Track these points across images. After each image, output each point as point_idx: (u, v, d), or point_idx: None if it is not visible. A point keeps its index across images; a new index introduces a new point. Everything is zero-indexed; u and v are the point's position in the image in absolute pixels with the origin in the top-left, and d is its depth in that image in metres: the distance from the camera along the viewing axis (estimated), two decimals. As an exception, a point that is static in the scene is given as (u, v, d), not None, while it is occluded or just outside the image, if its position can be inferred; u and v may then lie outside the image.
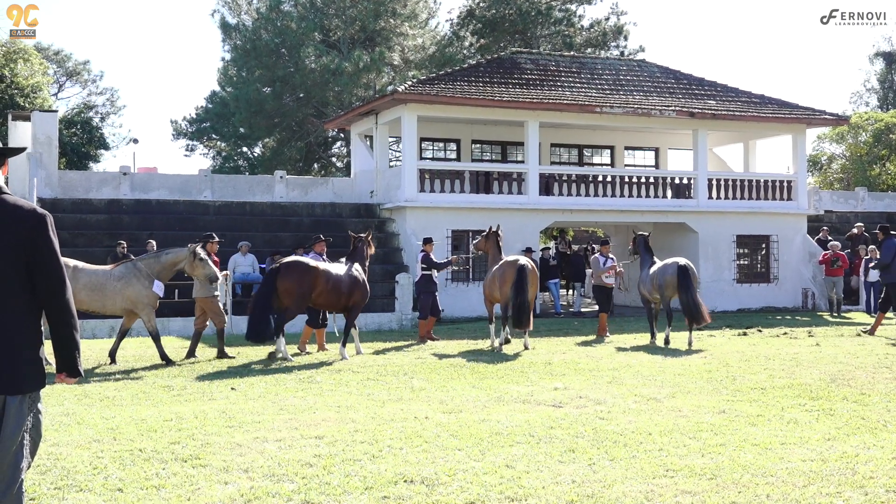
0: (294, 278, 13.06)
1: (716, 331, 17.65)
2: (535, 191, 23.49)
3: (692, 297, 14.84)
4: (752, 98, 26.43)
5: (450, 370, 11.83)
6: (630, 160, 29.59)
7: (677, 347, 14.62)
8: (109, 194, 23.14)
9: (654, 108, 24.24)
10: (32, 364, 4.12)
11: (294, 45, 37.73)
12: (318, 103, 39.38)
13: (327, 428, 7.83)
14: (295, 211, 23.79)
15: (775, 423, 7.99)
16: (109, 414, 8.60)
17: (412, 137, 22.89)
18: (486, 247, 16.01)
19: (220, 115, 44.25)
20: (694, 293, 14.92)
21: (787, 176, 26.43)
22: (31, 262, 4.09)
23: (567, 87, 24.84)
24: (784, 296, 25.39)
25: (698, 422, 8.05)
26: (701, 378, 10.91)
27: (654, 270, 15.61)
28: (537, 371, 11.72)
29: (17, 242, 4.04)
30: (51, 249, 4.11)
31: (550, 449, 6.98)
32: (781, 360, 12.72)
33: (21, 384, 4.06)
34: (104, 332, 17.49)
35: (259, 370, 12.02)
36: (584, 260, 25.14)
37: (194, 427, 7.89)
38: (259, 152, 46.15)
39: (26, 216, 4.09)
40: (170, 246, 20.66)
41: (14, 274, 4.06)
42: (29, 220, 4.09)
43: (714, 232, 24.97)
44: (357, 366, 12.39)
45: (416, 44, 41.10)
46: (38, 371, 4.14)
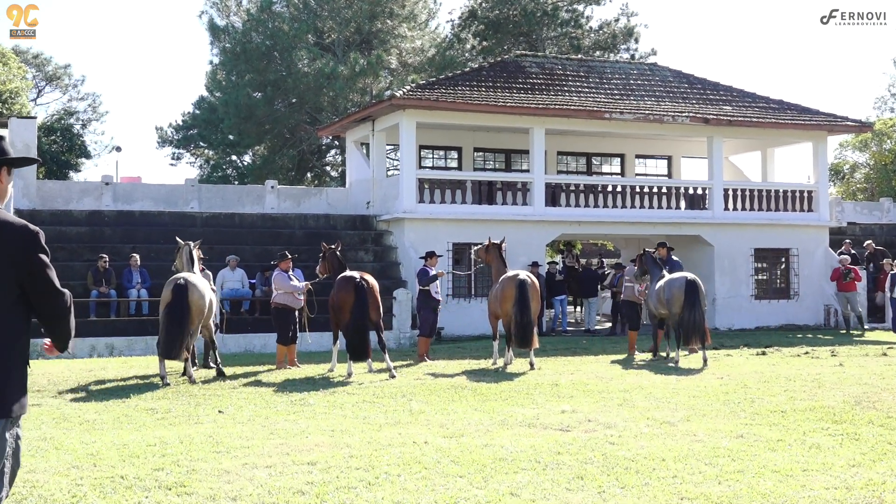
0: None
1: (733, 350, 17.64)
2: (541, 202, 23.52)
3: (697, 314, 14.85)
4: (770, 103, 26.51)
5: (450, 392, 11.81)
6: (641, 169, 29.65)
7: (692, 367, 14.61)
8: (90, 205, 23.18)
9: (667, 114, 24.30)
10: (20, 386, 4.14)
11: (286, 47, 37.88)
12: (311, 109, 39.50)
13: (320, 453, 7.81)
14: (287, 223, 23.83)
15: (796, 449, 7.96)
16: (89, 438, 8.59)
17: (411, 145, 22.94)
18: (487, 258, 16.00)
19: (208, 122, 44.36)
20: (700, 311, 14.95)
21: (808, 186, 26.46)
22: (24, 280, 4.14)
23: (574, 91, 24.91)
24: (805, 313, 25.37)
25: (715, 447, 8.03)
26: (717, 400, 10.89)
27: (661, 284, 15.65)
28: (543, 393, 11.71)
29: (9, 261, 4.09)
30: (44, 266, 4.17)
31: (557, 476, 6.96)
32: (803, 381, 12.70)
33: (9, 406, 4.08)
34: (84, 352, 17.49)
35: (249, 391, 12.01)
36: (596, 274, 25.12)
37: (179, 452, 7.87)
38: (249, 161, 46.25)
39: (18, 233, 4.13)
40: (153, 260, 20.80)
41: (6, 293, 4.10)
42: (20, 239, 4.13)
43: (730, 245, 24.98)
44: (352, 387, 12.38)
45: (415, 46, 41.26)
46: (24, 394, 4.16)
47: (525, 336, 14.34)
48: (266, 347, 18.60)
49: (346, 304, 13.66)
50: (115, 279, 19.46)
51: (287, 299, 14.97)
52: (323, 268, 15.18)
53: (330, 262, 14.96)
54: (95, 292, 18.99)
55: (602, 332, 23.23)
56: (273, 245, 22.61)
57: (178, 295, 13.09)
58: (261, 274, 20.22)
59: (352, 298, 13.60)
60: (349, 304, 13.59)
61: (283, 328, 15.02)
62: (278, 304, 15.05)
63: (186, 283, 13.21)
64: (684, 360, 15.33)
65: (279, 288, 15.02)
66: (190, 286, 13.20)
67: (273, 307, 15.24)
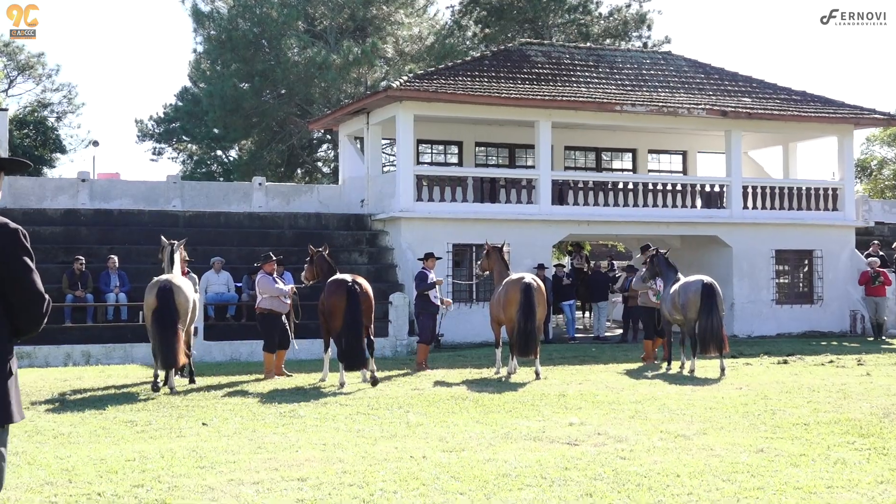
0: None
1: (752, 359, 17.65)
2: (548, 200, 23.53)
3: (715, 320, 14.88)
4: (792, 95, 26.53)
5: (450, 403, 11.82)
6: (654, 165, 29.67)
7: (708, 377, 14.62)
8: (66, 203, 23.19)
9: (682, 107, 24.32)
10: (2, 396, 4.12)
11: (275, 35, 37.92)
12: (301, 101, 39.53)
13: (311, 469, 7.81)
14: (275, 222, 23.85)
15: (820, 464, 7.97)
16: (64, 453, 8.59)
17: (408, 139, 22.96)
18: (488, 264, 16.03)
19: (192, 115, 44.42)
20: (718, 317, 14.97)
21: (833, 183, 26.48)
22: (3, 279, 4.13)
23: (583, 82, 24.93)
24: (829, 319, 25.37)
25: (733, 462, 8.03)
26: (736, 412, 10.89)
27: (676, 289, 15.67)
28: (550, 404, 11.71)
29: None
30: (25, 265, 4.22)
31: (565, 492, 6.96)
32: (827, 391, 12.70)
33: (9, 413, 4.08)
34: (58, 361, 17.50)
35: (235, 402, 12.01)
36: (606, 277, 25.13)
37: (160, 468, 7.87)
38: (235, 156, 46.32)
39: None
40: (132, 262, 20.80)
41: None
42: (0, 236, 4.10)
43: (750, 246, 24.99)
44: (345, 398, 12.38)
45: (413, 34, 41.30)
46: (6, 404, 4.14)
47: (527, 344, 14.35)
48: (253, 356, 18.60)
49: (337, 309, 13.63)
50: (93, 282, 19.46)
51: (273, 304, 14.93)
52: (310, 273, 15.09)
53: (318, 266, 14.89)
54: (71, 297, 18.98)
55: (612, 340, 23.23)
56: (260, 246, 22.59)
57: (164, 298, 13.13)
58: (247, 277, 20.22)
59: (344, 303, 13.58)
60: (341, 310, 13.57)
61: (269, 335, 14.99)
62: (263, 310, 15.02)
63: (171, 285, 13.26)
64: (700, 369, 15.33)
65: (264, 292, 14.99)
66: (175, 288, 13.26)
67: (258, 313, 15.22)
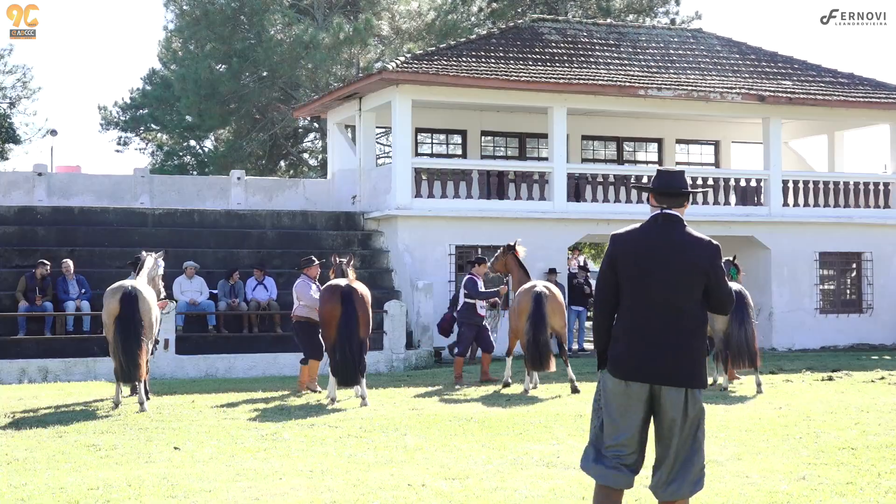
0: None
1: (793, 375, 17.64)
2: (562, 196, 23.55)
3: (747, 331, 14.90)
4: (839, 77, 26.54)
5: (453, 424, 11.81)
6: (683, 157, 29.67)
7: (744, 395, 14.62)
8: (20, 200, 23.21)
9: (714, 91, 24.33)
10: None
11: (256, 10, 37.93)
12: (286, 85, 39.55)
13: (297, 499, 7.82)
14: (256, 221, 23.86)
15: (869, 493, 7.97)
16: (19, 480, 8.60)
17: (405, 128, 22.98)
18: (504, 267, 16.20)
19: (162, 100, 44.42)
20: (751, 327, 14.99)
21: (884, 177, 26.48)
22: None
23: (603, 63, 24.96)
24: (880, 330, 25.37)
25: (771, 491, 8.03)
26: (775, 435, 10.89)
27: None
28: (565, 426, 11.71)
29: None
30: None
31: (581, 525, 6.96)
32: (877, 412, 12.69)
33: None
34: (13, 377, 17.51)
35: (210, 424, 12.02)
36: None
37: (127, 498, 7.88)
38: (211, 147, 46.32)
39: None
40: (95, 266, 20.82)
41: None
42: None
43: (790, 248, 24.99)
44: (335, 418, 12.39)
45: (411, 9, 41.30)
46: None
47: (539, 357, 14.49)
48: (231, 371, 18.62)
49: (332, 318, 13.69)
50: (52, 289, 19.47)
51: (311, 313, 15.07)
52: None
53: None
54: (26, 305, 18.99)
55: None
56: (239, 248, 22.64)
57: (128, 304, 13.22)
58: (224, 282, 20.25)
59: (338, 311, 13.63)
60: (335, 319, 13.63)
61: (308, 344, 15.27)
62: (300, 318, 15.29)
63: (137, 292, 13.34)
64: (737, 387, 15.32)
65: (301, 299, 15.20)
66: (140, 296, 13.34)
67: (294, 321, 15.55)
